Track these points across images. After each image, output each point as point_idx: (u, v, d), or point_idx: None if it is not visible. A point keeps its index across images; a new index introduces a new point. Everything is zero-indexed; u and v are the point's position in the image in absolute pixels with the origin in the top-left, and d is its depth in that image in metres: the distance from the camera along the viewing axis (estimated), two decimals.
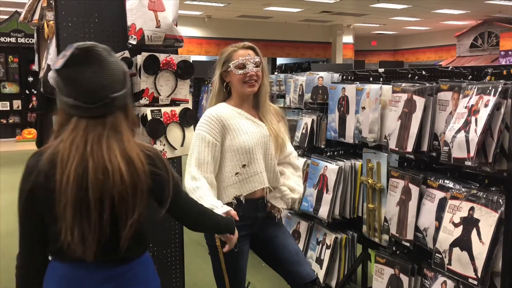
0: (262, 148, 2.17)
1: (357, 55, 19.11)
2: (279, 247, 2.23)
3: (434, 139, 2.38)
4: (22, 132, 12.70)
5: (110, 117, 1.43)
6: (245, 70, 2.10)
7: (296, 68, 18.47)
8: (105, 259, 1.45)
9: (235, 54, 2.14)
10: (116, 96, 1.42)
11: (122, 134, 1.43)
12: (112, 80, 1.41)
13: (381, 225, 2.78)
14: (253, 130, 2.15)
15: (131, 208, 1.39)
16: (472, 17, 14.98)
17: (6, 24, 12.19)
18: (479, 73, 2.28)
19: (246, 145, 2.11)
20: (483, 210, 2.06)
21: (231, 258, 2.08)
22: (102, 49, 1.43)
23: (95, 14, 2.62)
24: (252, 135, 2.14)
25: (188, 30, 14.82)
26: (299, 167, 2.40)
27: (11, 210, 5.84)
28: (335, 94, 3.24)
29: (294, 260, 2.22)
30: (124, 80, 1.46)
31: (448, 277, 2.24)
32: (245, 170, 2.12)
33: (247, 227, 2.13)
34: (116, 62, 1.44)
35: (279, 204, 2.26)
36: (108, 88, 1.40)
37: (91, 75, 1.38)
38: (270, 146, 2.20)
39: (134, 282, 1.50)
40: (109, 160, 1.36)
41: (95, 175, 1.35)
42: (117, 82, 1.42)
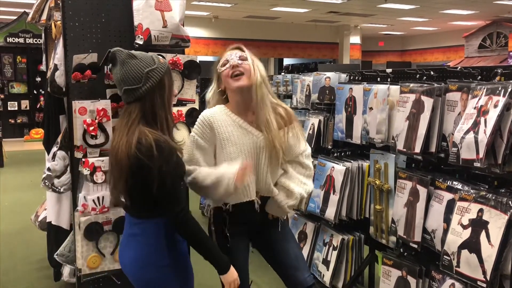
0: (253, 159, 2.09)
1: (364, 56, 19.04)
2: (279, 251, 2.22)
3: (442, 140, 2.36)
4: (30, 132, 12.79)
5: (130, 106, 1.83)
6: (229, 64, 2.10)
7: (303, 68, 18.42)
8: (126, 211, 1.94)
9: (222, 56, 2.16)
10: (129, 88, 1.81)
11: (133, 120, 1.79)
12: (126, 76, 1.82)
13: (388, 226, 2.76)
14: (243, 142, 2.08)
15: (118, 177, 1.79)
16: (480, 18, 14.87)
17: (14, 25, 12.28)
18: (488, 73, 2.25)
19: (233, 158, 2.06)
20: (492, 212, 2.03)
21: (227, 255, 2.09)
22: (125, 53, 1.86)
23: (102, 14, 2.62)
24: (241, 147, 2.07)
25: (195, 30, 14.84)
26: (309, 166, 2.28)
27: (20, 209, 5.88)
28: (342, 94, 3.22)
29: (293, 265, 2.20)
30: (140, 78, 1.81)
31: (457, 279, 2.21)
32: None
33: (243, 226, 2.14)
34: (135, 64, 1.83)
35: (279, 214, 2.23)
36: (122, 82, 1.83)
37: (115, 71, 1.88)
38: (263, 157, 2.11)
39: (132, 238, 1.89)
40: (117, 139, 1.79)
41: (111, 148, 1.86)
42: (131, 78, 1.81)
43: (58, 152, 2.96)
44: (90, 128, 2.47)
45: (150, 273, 1.86)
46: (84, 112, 2.48)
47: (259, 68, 2.12)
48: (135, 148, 1.72)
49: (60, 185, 2.95)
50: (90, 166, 2.48)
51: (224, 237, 2.10)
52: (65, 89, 2.72)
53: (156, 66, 1.84)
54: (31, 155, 10.05)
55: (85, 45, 2.60)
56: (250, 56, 2.13)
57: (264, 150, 2.11)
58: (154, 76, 1.82)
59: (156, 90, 1.82)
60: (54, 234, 3.30)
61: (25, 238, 4.67)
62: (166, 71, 1.87)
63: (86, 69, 2.49)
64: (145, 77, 1.80)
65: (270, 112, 2.12)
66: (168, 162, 1.75)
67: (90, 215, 2.53)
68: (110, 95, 2.64)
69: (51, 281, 3.57)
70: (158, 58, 1.90)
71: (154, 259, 1.86)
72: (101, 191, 2.54)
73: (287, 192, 2.18)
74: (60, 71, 2.74)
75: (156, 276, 1.87)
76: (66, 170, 2.94)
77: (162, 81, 1.84)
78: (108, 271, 2.65)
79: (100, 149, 2.53)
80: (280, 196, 2.17)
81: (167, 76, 1.88)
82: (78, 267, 2.59)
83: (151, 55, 1.90)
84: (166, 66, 1.88)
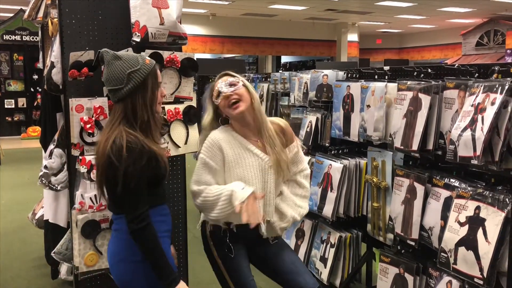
0: (260, 182, 2.10)
1: (362, 53, 19.05)
2: (273, 259, 2.21)
3: (439, 138, 2.36)
4: (27, 130, 12.76)
5: (115, 105, 1.89)
6: (221, 96, 2.10)
7: (300, 66, 18.44)
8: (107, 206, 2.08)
9: (213, 86, 2.16)
10: (112, 89, 1.86)
11: (116, 120, 1.84)
12: (110, 77, 1.86)
13: (385, 224, 2.76)
14: (251, 164, 2.10)
15: (97, 173, 1.86)
16: (478, 15, 14.89)
17: (11, 22, 12.23)
18: (486, 70, 2.25)
19: (241, 179, 2.07)
20: (489, 209, 2.04)
21: (232, 265, 2.10)
22: (110, 54, 1.88)
23: (99, 11, 2.61)
24: (249, 168, 2.09)
25: (192, 28, 14.81)
26: (306, 186, 2.29)
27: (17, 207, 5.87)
28: (339, 92, 3.22)
29: (290, 269, 2.18)
30: (122, 79, 1.83)
31: (454, 276, 2.22)
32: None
33: (242, 240, 2.16)
34: (119, 65, 1.85)
35: (271, 234, 2.21)
36: (107, 83, 1.88)
37: (103, 72, 1.93)
38: (270, 180, 2.12)
39: (113, 233, 1.97)
40: (101, 137, 1.88)
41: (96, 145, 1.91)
42: (114, 79, 1.84)
43: (55, 150, 2.95)
44: (87, 126, 2.46)
45: (122, 268, 1.90)
46: (81, 110, 2.47)
47: (251, 90, 2.14)
48: (109, 147, 1.76)
49: (57, 183, 2.94)
50: (87, 164, 2.48)
51: (226, 248, 2.10)
52: (62, 87, 2.71)
53: (140, 67, 1.84)
54: (28, 153, 10.03)
55: (82, 42, 2.59)
56: (240, 78, 2.14)
57: (270, 172, 2.12)
58: (136, 77, 1.83)
59: (139, 91, 1.84)
60: (51, 232, 3.29)
61: (22, 236, 4.66)
62: (150, 72, 1.86)
63: (83, 66, 2.48)
64: (127, 78, 1.83)
65: (272, 129, 2.17)
66: (135, 164, 1.76)
67: (87, 213, 2.53)
68: (107, 93, 2.63)
69: (48, 279, 3.57)
70: (144, 59, 1.89)
71: (126, 254, 1.89)
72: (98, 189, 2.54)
73: (280, 215, 2.19)
74: (57, 69, 2.73)
75: (128, 271, 1.89)
76: (63, 168, 2.94)
77: (145, 82, 1.85)
78: (106, 269, 2.64)
79: None
80: (274, 218, 2.17)
81: (151, 77, 1.87)
82: (75, 265, 2.58)
83: (138, 56, 1.90)
84: (150, 67, 1.87)
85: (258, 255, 2.23)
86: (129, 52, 1.92)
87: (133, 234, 1.80)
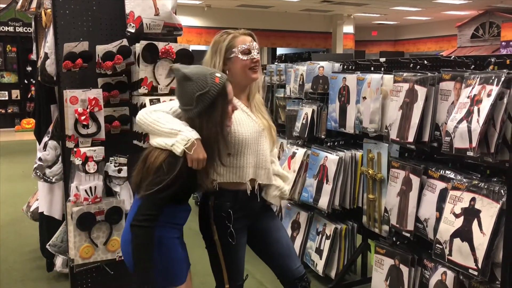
0: (254, 144, 2.08)
1: (357, 45, 19.00)
2: (273, 242, 2.20)
3: (435, 130, 2.36)
4: (21, 122, 12.68)
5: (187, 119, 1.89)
6: (251, 56, 2.05)
7: (296, 58, 18.37)
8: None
9: (238, 39, 2.06)
10: (183, 108, 1.88)
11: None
12: (180, 96, 1.87)
13: (381, 215, 2.77)
14: (248, 124, 2.08)
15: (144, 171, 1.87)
16: (473, 7, 14.88)
17: (3, 13, 12.10)
18: (482, 62, 2.25)
19: (237, 136, 2.03)
20: (484, 200, 2.05)
21: (230, 251, 2.06)
22: (180, 74, 1.85)
23: (93, 1, 2.59)
24: (246, 128, 2.06)
25: (187, 19, 14.71)
26: (285, 174, 2.33)
27: (11, 200, 5.84)
28: (335, 84, 3.21)
29: (285, 253, 2.19)
30: (192, 101, 1.82)
31: (449, 267, 2.23)
32: (229, 160, 2.03)
33: (244, 219, 2.10)
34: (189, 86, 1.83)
35: (277, 201, 2.26)
36: (178, 100, 1.90)
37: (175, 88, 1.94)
38: (263, 142, 2.11)
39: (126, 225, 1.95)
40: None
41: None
42: (184, 100, 1.86)
43: (49, 142, 2.94)
44: (82, 118, 2.45)
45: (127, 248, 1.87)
46: (76, 102, 2.45)
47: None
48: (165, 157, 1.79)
49: (52, 175, 2.93)
50: (82, 156, 2.46)
51: (229, 234, 2.04)
52: (56, 78, 2.69)
53: (208, 89, 1.80)
54: (22, 145, 9.97)
55: (76, 33, 2.56)
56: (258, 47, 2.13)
57: (263, 135, 2.12)
58: (204, 100, 1.81)
59: (207, 111, 1.83)
60: (46, 225, 3.28)
61: (17, 229, 4.64)
62: (220, 92, 1.82)
63: (77, 57, 2.46)
64: (196, 101, 1.81)
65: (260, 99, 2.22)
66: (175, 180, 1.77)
67: (83, 205, 2.52)
68: (102, 84, 2.61)
69: (43, 272, 3.56)
70: (214, 77, 1.83)
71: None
72: (93, 181, 2.53)
73: (283, 177, 2.26)
74: (51, 60, 2.71)
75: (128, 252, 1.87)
76: (58, 160, 2.92)
77: (214, 103, 1.82)
78: (101, 261, 2.64)
79: (92, 139, 2.51)
80: (278, 182, 2.22)
81: (221, 98, 1.83)
82: (70, 257, 2.58)
83: (207, 74, 1.83)
84: (220, 87, 1.82)
85: (256, 234, 2.20)
86: (199, 69, 1.86)
87: (132, 227, 1.79)
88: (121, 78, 2.67)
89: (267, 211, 2.25)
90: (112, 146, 2.64)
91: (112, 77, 2.63)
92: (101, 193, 2.56)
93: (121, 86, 2.68)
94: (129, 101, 2.71)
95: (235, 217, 2.04)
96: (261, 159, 2.11)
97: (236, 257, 2.10)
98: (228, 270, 2.09)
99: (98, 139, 2.53)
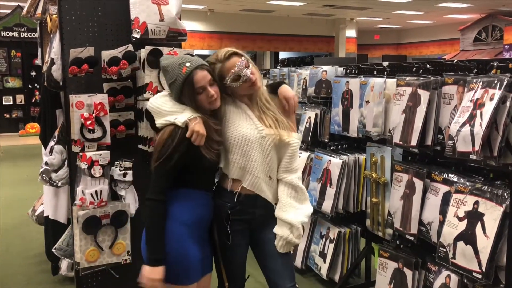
0: (244, 145, 2.03)
1: (360, 49, 19.02)
2: (267, 255, 2.12)
3: (438, 133, 2.37)
4: (25, 127, 12.73)
5: None
6: (242, 78, 1.99)
7: (298, 62, 18.40)
8: None
9: (224, 68, 2.02)
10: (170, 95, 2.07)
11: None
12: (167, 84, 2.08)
13: (385, 219, 2.78)
14: (240, 124, 2.04)
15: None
16: (476, 11, 14.88)
17: (8, 19, 12.18)
18: (484, 66, 2.27)
19: (225, 132, 2.04)
20: (488, 204, 2.05)
21: (227, 252, 2.08)
22: (161, 65, 2.04)
23: (99, 7, 2.61)
24: (237, 128, 2.03)
25: (190, 24, 14.76)
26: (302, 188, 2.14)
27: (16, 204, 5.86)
28: (338, 88, 3.23)
29: (278, 270, 2.10)
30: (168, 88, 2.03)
31: (452, 271, 2.24)
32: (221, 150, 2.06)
33: (245, 222, 2.10)
34: (166, 76, 2.04)
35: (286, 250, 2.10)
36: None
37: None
38: (258, 149, 2.03)
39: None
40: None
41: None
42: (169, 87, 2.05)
43: (55, 146, 2.96)
44: (88, 122, 2.47)
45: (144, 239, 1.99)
46: (81, 106, 2.47)
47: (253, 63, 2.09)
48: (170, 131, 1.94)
49: (58, 179, 2.95)
50: (88, 160, 2.48)
51: (225, 234, 2.06)
52: (62, 83, 2.72)
53: (175, 79, 1.95)
54: (26, 150, 10.02)
55: (81, 39, 2.59)
56: (244, 54, 2.06)
57: (262, 143, 2.03)
58: (174, 88, 1.98)
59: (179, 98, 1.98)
60: (51, 228, 3.30)
61: (22, 233, 4.66)
62: (185, 82, 1.92)
63: (83, 63, 2.48)
64: (170, 89, 2.02)
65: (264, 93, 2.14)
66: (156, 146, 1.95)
67: (88, 209, 2.53)
68: (107, 89, 2.64)
69: (49, 275, 3.58)
70: (181, 68, 1.93)
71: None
72: (99, 185, 2.54)
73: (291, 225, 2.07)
74: (57, 65, 2.73)
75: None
76: (64, 164, 2.94)
77: (182, 91, 1.96)
78: (107, 265, 2.65)
79: (97, 143, 2.53)
80: (284, 231, 2.06)
81: (186, 86, 1.93)
82: (76, 261, 2.59)
83: (179, 64, 1.95)
84: (185, 77, 1.92)
85: (255, 241, 2.16)
86: (175, 58, 1.99)
87: (145, 201, 1.94)
88: (126, 83, 2.69)
89: (269, 222, 2.13)
90: (118, 150, 2.66)
91: (117, 82, 2.65)
92: (106, 197, 2.58)
93: (127, 91, 2.70)
94: (134, 105, 2.73)
95: (233, 218, 2.05)
96: (252, 164, 2.03)
97: (234, 258, 2.11)
98: (226, 270, 2.11)
99: (104, 144, 2.55)
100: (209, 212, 2.05)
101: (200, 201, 2.02)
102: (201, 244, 2.01)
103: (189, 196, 2.00)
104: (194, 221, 1.98)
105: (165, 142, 1.90)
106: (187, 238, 1.96)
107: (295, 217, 2.07)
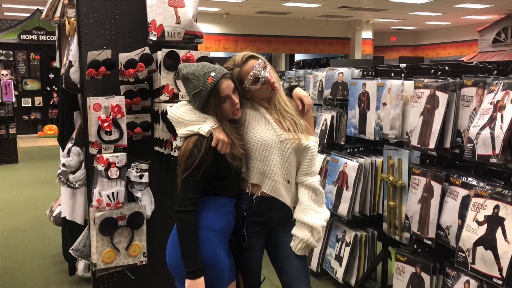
0: (263, 150, 2.03)
1: (376, 51, 18.89)
2: (283, 257, 2.12)
3: (457, 136, 2.34)
4: (43, 128, 12.93)
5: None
6: (261, 80, 2.00)
7: (314, 64, 18.36)
8: None
9: (242, 72, 2.03)
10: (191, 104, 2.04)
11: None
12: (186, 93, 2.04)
13: (402, 223, 2.75)
14: (260, 129, 2.04)
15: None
16: (495, 12, 14.66)
17: (28, 22, 12.40)
18: (505, 68, 2.23)
19: (246, 138, 2.03)
20: (508, 208, 2.01)
21: (243, 253, 2.08)
22: (181, 74, 2.00)
23: (116, 10, 2.64)
24: (257, 133, 2.03)
25: (206, 26, 14.83)
26: (321, 190, 2.14)
27: (34, 204, 5.94)
28: (355, 90, 3.20)
29: (292, 274, 2.10)
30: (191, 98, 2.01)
31: (472, 276, 2.20)
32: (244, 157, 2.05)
33: (261, 224, 2.10)
34: (188, 85, 1.99)
35: (304, 252, 2.10)
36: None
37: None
38: (277, 153, 2.03)
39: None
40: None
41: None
42: (188, 96, 2.03)
43: (73, 148, 2.99)
44: (105, 124, 2.49)
45: (169, 250, 1.99)
46: (99, 108, 2.50)
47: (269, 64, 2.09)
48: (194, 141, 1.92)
49: (75, 181, 2.98)
50: (105, 162, 2.50)
51: (241, 236, 2.07)
52: (79, 86, 2.75)
53: (201, 89, 1.92)
54: (44, 151, 10.16)
55: (99, 41, 2.62)
56: (262, 58, 2.07)
57: (282, 147, 2.04)
58: (198, 98, 1.94)
59: (203, 108, 1.96)
60: (68, 229, 3.34)
61: (40, 233, 4.73)
62: (211, 92, 1.90)
63: (101, 65, 2.51)
64: (193, 99, 1.97)
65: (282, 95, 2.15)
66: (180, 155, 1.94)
67: (105, 210, 2.56)
68: (124, 91, 2.66)
69: (65, 276, 3.62)
70: (207, 77, 1.91)
71: (173, 238, 1.95)
72: (115, 186, 2.57)
73: (312, 227, 2.07)
74: (75, 68, 2.76)
75: (172, 254, 1.96)
76: (81, 165, 2.97)
77: (208, 101, 1.93)
78: (123, 266, 2.67)
79: (114, 145, 2.55)
80: (304, 233, 2.06)
81: (213, 96, 1.91)
82: (93, 262, 2.61)
83: (202, 74, 1.92)
84: (211, 87, 1.90)
85: (272, 244, 2.16)
86: (197, 67, 1.96)
87: (175, 214, 1.89)
88: (143, 85, 2.71)
89: (286, 225, 2.13)
90: (134, 152, 2.68)
91: (134, 85, 2.68)
92: (123, 199, 2.60)
93: (143, 93, 2.72)
94: (150, 108, 2.75)
95: (249, 220, 2.05)
96: (271, 169, 2.03)
97: (249, 259, 2.10)
98: (241, 272, 2.11)
99: (121, 145, 2.57)
100: (234, 219, 2.04)
101: (226, 208, 2.01)
102: (228, 251, 2.01)
103: (216, 203, 1.98)
104: (222, 227, 1.97)
105: (191, 152, 1.87)
106: (218, 245, 1.95)
107: (316, 220, 2.07)
